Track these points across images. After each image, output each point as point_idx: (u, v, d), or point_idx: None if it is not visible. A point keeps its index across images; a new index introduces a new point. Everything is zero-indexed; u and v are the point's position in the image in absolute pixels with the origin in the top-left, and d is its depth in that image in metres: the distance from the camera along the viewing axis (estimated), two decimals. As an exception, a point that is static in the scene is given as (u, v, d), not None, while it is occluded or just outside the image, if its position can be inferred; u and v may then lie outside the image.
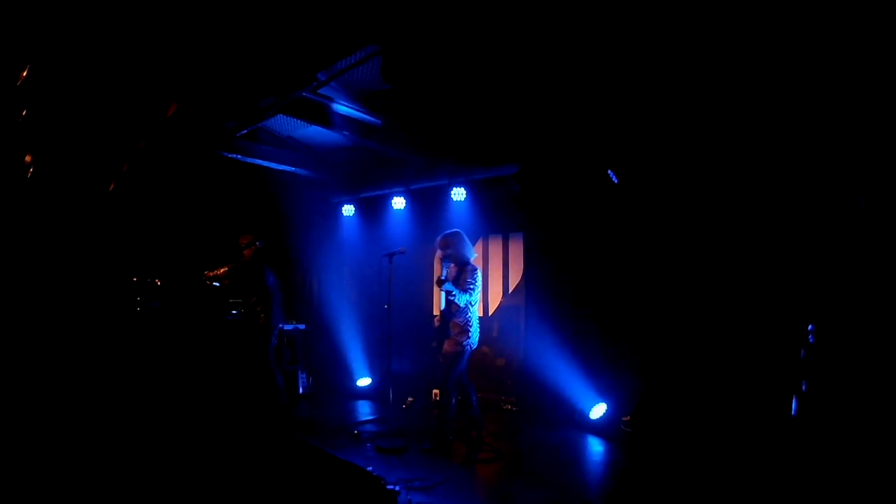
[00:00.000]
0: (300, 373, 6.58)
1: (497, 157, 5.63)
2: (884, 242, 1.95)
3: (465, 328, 4.15)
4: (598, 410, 4.94)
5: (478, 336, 4.25)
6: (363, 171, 6.72)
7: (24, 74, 3.69)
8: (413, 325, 6.43)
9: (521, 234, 6.08)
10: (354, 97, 5.03)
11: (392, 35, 3.58)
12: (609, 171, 4.69)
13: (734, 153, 3.99)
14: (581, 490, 3.53)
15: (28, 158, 4.05)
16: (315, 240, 7.44)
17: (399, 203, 6.44)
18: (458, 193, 5.80)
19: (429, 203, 6.39)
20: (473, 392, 4.35)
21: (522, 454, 4.30)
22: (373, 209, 7.02)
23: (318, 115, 5.06)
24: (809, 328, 2.07)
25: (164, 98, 4.38)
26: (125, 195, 5.32)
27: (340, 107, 5.02)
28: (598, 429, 4.87)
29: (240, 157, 6.04)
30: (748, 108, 3.83)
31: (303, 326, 6.77)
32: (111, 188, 5.10)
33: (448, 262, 4.30)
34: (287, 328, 6.26)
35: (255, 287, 5.47)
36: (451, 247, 4.26)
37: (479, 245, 6.46)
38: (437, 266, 4.42)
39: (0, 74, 3.68)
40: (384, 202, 6.69)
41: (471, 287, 4.13)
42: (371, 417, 5.47)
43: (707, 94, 3.96)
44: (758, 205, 3.88)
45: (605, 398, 4.95)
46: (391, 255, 4.64)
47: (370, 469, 3.26)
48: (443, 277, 4.18)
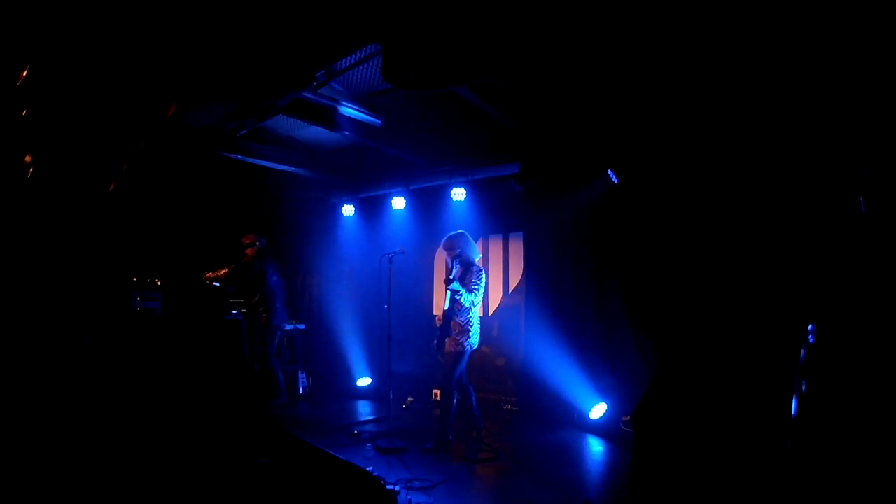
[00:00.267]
0: (300, 373, 6.59)
1: (497, 157, 5.63)
2: (884, 242, 1.95)
3: (466, 328, 4.18)
4: (598, 410, 4.94)
5: (478, 336, 4.27)
6: (363, 171, 6.72)
7: (24, 74, 3.69)
8: (413, 325, 6.44)
9: (521, 234, 6.08)
10: (354, 97, 5.03)
11: (392, 35, 3.58)
12: (609, 171, 4.70)
13: (734, 152, 3.99)
14: (581, 490, 3.54)
15: (28, 158, 4.05)
16: (315, 240, 7.44)
17: (399, 203, 6.44)
18: (458, 193, 5.80)
19: (429, 203, 6.39)
20: (473, 392, 4.37)
21: (522, 454, 4.30)
22: (373, 209, 7.02)
23: (319, 115, 5.06)
24: (809, 328, 2.06)
25: (164, 98, 4.38)
26: (125, 195, 5.32)
27: (340, 107, 5.02)
28: (598, 429, 4.88)
29: (240, 157, 6.04)
30: (748, 108, 3.84)
31: (303, 326, 6.78)
32: (111, 188, 5.10)
33: (456, 263, 4.32)
34: (287, 328, 6.27)
35: (258, 287, 5.48)
36: (457, 248, 4.29)
37: (479, 245, 6.46)
38: (440, 265, 4.43)
39: (0, 74, 3.68)
40: (384, 202, 6.69)
41: (475, 287, 4.16)
42: (371, 417, 5.47)
43: (707, 94, 3.96)
44: (758, 205, 3.88)
45: (605, 398, 4.95)
46: (391, 256, 4.64)
47: (370, 469, 3.27)
48: (451, 277, 4.22)
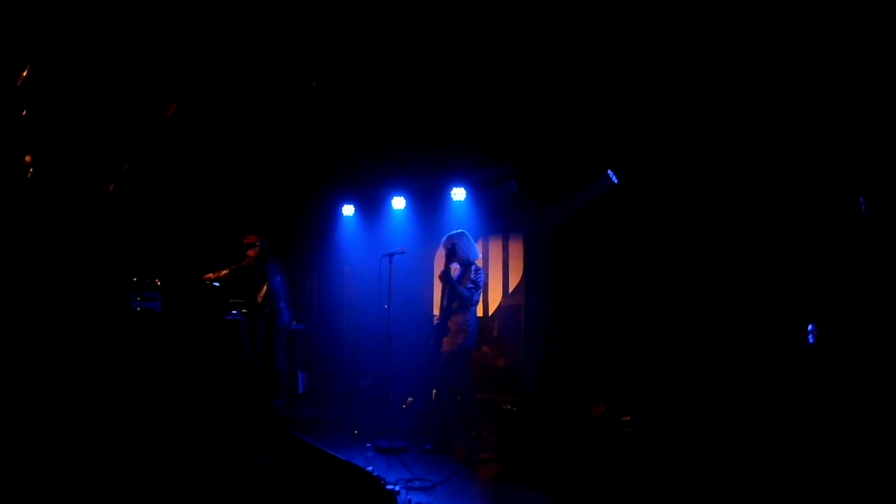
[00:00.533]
0: (300, 373, 6.58)
1: (497, 157, 5.62)
2: (884, 242, 1.95)
3: (464, 327, 4.16)
4: (598, 410, 4.93)
5: (476, 336, 4.25)
6: (363, 171, 6.72)
7: (24, 74, 3.69)
8: (413, 325, 6.43)
9: (521, 234, 6.07)
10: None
11: (393, 34, 3.58)
12: (609, 171, 4.70)
13: (735, 152, 3.99)
14: (581, 490, 3.53)
15: (28, 158, 4.05)
16: (315, 240, 7.44)
17: (399, 203, 6.44)
18: (458, 193, 5.80)
19: (429, 203, 6.38)
20: (473, 392, 4.36)
21: (522, 454, 4.30)
22: (373, 209, 7.01)
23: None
24: (809, 328, 2.06)
25: (164, 98, 4.38)
26: (125, 195, 5.32)
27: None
28: (598, 429, 4.87)
29: (239, 157, 6.04)
30: (749, 108, 3.84)
31: (302, 326, 6.77)
32: (111, 188, 5.10)
33: (452, 256, 4.30)
34: (291, 328, 6.26)
35: (262, 288, 5.47)
36: (457, 247, 4.28)
37: (479, 245, 6.45)
38: (439, 264, 4.42)
39: (0, 74, 3.68)
40: (384, 202, 6.69)
41: (474, 287, 4.15)
42: (371, 417, 5.46)
43: (707, 94, 3.96)
44: (758, 205, 3.88)
45: (605, 398, 4.95)
46: (391, 256, 4.64)
47: (370, 469, 3.26)
48: (449, 273, 4.19)
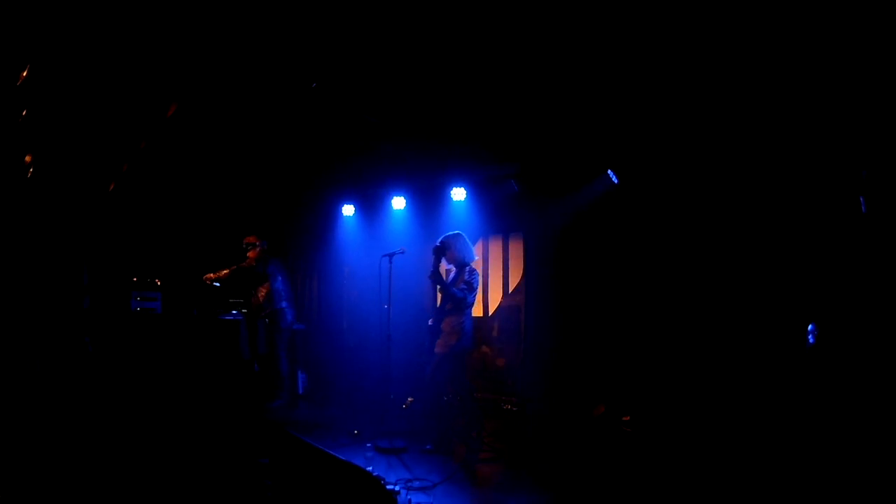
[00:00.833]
0: (300, 373, 6.58)
1: (497, 157, 5.62)
2: (884, 242, 1.96)
3: (457, 329, 4.13)
4: (598, 410, 4.93)
5: (471, 338, 4.22)
6: (363, 171, 6.72)
7: (24, 74, 3.69)
8: (413, 325, 6.43)
9: (521, 234, 6.07)
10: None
11: (393, 34, 3.58)
12: (609, 171, 4.69)
13: (735, 152, 3.99)
14: (581, 490, 3.54)
15: (28, 158, 4.05)
16: (314, 240, 7.44)
17: (399, 203, 6.44)
18: (458, 193, 5.80)
19: (429, 203, 6.38)
20: (472, 393, 4.35)
21: (522, 454, 4.30)
22: (373, 209, 7.01)
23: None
24: (809, 328, 2.06)
25: (164, 98, 4.38)
26: (125, 195, 5.32)
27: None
28: (598, 429, 4.87)
29: (239, 157, 6.04)
30: (749, 108, 3.84)
31: (302, 326, 6.77)
32: (111, 188, 5.10)
33: (441, 256, 4.26)
34: (295, 328, 6.26)
35: (263, 289, 5.46)
36: (452, 248, 4.27)
37: (479, 245, 6.45)
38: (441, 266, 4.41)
39: (0, 74, 3.68)
40: (384, 202, 6.69)
41: (468, 288, 4.12)
42: (371, 417, 5.46)
43: (707, 93, 3.96)
44: (758, 204, 3.88)
45: (605, 398, 4.95)
46: (391, 256, 4.64)
47: (370, 469, 3.27)
48: (436, 270, 4.15)
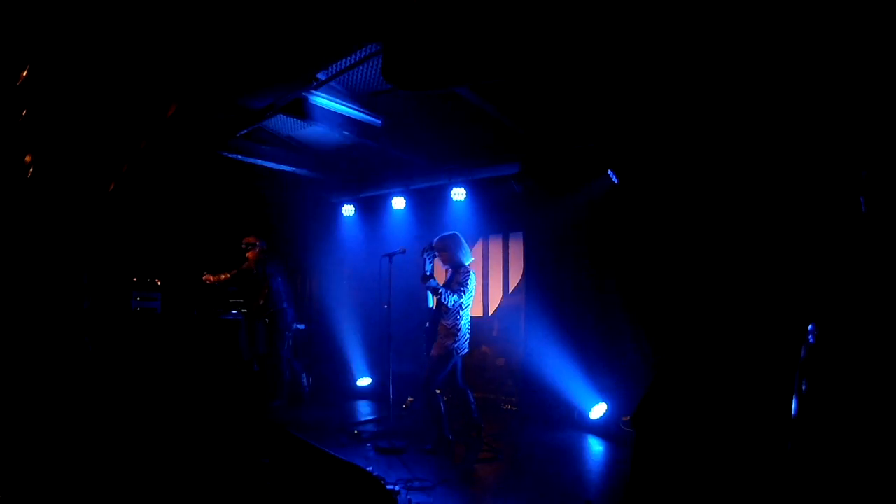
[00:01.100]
0: (302, 373, 6.58)
1: (497, 157, 5.63)
2: (884, 242, 1.96)
3: (453, 331, 4.10)
4: (598, 410, 4.94)
5: (467, 340, 4.18)
6: (363, 171, 6.72)
7: (24, 74, 3.69)
8: (413, 325, 6.43)
9: (521, 234, 6.08)
10: (354, 97, 5.03)
11: (392, 34, 3.57)
12: (609, 171, 4.70)
13: (735, 152, 3.99)
14: (581, 490, 3.54)
15: (28, 158, 4.05)
16: (315, 240, 7.44)
17: (399, 203, 6.44)
18: (458, 193, 5.80)
19: (429, 203, 6.39)
20: (471, 394, 4.33)
21: (522, 454, 4.30)
22: (373, 209, 7.02)
23: (318, 115, 5.05)
24: (809, 328, 2.06)
25: (164, 98, 4.38)
26: (125, 195, 5.32)
27: (340, 107, 5.02)
28: (598, 429, 4.88)
29: (240, 157, 6.04)
30: (749, 108, 3.84)
31: (303, 326, 6.77)
32: (111, 188, 5.10)
33: (431, 256, 4.22)
34: (295, 328, 6.25)
35: (263, 291, 5.46)
36: (447, 249, 4.25)
37: (479, 245, 6.46)
38: (439, 265, 4.39)
39: (0, 74, 3.68)
40: (384, 202, 6.70)
41: (462, 289, 4.07)
42: (371, 417, 5.47)
43: (708, 94, 3.96)
44: (758, 205, 3.88)
45: (605, 398, 4.95)
46: (391, 256, 4.64)
47: (370, 469, 3.27)
48: (427, 272, 4.13)
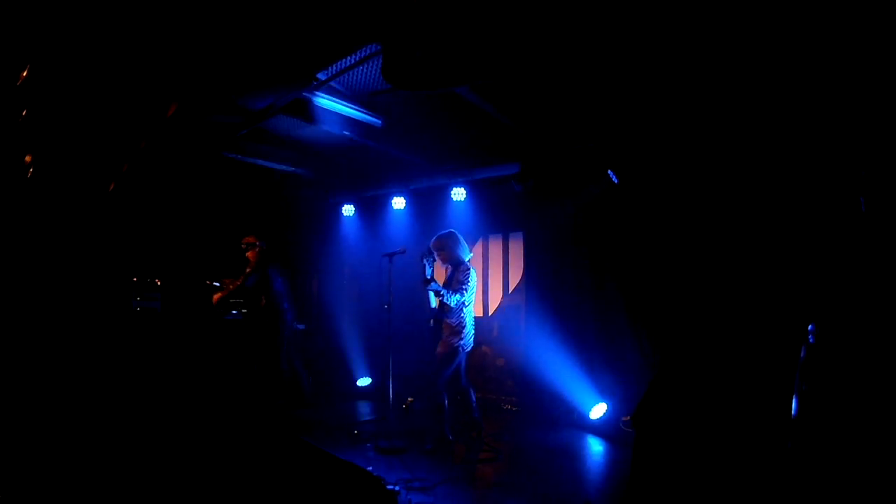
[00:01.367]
0: (303, 373, 6.58)
1: (497, 157, 5.63)
2: (884, 242, 1.96)
3: (457, 329, 4.13)
4: (598, 410, 4.94)
5: (472, 338, 4.21)
6: (363, 171, 6.72)
7: (24, 74, 3.69)
8: (413, 325, 6.43)
9: (521, 234, 6.08)
10: (354, 97, 5.03)
11: (392, 34, 3.57)
12: (609, 171, 4.70)
13: (735, 153, 3.99)
14: (581, 490, 3.54)
15: (28, 158, 4.05)
16: (315, 240, 7.44)
17: (399, 203, 6.44)
18: (458, 193, 5.81)
19: (429, 203, 6.39)
20: (472, 393, 4.35)
21: (522, 454, 4.30)
22: (373, 209, 7.02)
23: (318, 115, 5.05)
24: (809, 328, 2.06)
25: (164, 98, 4.38)
26: (125, 195, 5.32)
27: (341, 107, 5.02)
28: (598, 429, 4.88)
29: (239, 157, 6.04)
30: (749, 109, 3.84)
31: (303, 326, 6.76)
32: (111, 188, 5.10)
33: (430, 260, 4.22)
34: (296, 328, 6.24)
35: (264, 292, 5.46)
36: (445, 248, 4.26)
37: (479, 245, 6.46)
38: (439, 265, 4.39)
39: (0, 74, 3.68)
40: (384, 202, 6.70)
41: (463, 288, 4.09)
42: (371, 417, 5.47)
43: (708, 94, 3.96)
44: (758, 205, 3.88)
45: (605, 398, 4.95)
46: (391, 255, 4.64)
47: (370, 469, 3.27)
48: (427, 276, 4.13)
